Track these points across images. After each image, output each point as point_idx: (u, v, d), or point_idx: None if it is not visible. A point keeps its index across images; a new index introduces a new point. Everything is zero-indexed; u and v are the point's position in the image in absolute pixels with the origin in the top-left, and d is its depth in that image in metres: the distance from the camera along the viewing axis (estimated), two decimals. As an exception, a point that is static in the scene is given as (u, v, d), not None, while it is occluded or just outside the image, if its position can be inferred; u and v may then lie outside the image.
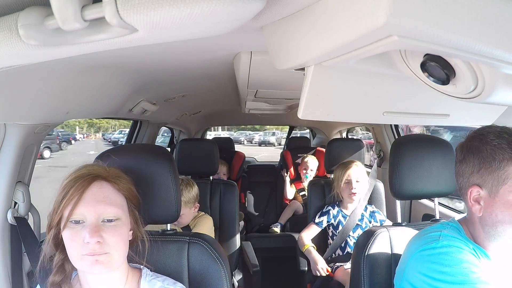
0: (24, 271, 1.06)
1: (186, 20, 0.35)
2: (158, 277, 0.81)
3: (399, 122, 0.78)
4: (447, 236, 0.78)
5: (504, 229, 0.72)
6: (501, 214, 0.72)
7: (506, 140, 0.71)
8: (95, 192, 0.69)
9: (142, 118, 1.83)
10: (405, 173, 1.05)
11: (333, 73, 0.53)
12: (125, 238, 0.73)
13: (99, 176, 0.71)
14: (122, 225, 0.72)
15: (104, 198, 0.70)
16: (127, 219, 0.74)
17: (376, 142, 2.43)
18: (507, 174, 0.70)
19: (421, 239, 0.82)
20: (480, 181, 0.74)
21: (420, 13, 0.28)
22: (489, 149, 0.72)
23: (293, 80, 1.07)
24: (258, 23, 0.50)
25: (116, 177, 0.74)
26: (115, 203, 0.71)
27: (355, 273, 1.04)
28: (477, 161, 0.74)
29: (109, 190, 0.72)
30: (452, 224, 0.84)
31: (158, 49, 0.79)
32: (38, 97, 0.86)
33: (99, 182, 0.71)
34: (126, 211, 0.75)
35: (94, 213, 0.68)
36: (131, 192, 0.77)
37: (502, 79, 0.40)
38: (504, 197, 0.71)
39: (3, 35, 0.38)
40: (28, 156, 1.06)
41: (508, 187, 0.70)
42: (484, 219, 0.75)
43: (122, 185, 0.74)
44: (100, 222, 0.68)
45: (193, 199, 1.56)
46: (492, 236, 0.75)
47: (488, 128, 0.76)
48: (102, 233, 0.67)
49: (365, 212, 1.79)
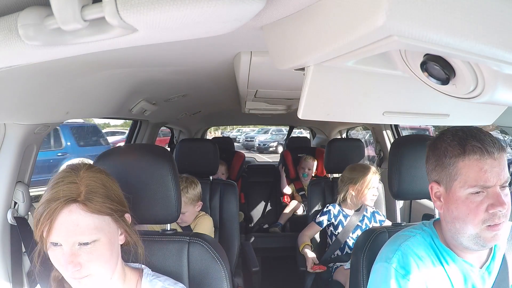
0: (24, 271, 1.06)
1: (186, 20, 0.35)
2: (159, 277, 0.81)
3: (399, 122, 0.77)
4: (403, 253, 0.80)
5: (461, 225, 0.73)
6: (456, 210, 0.74)
7: (459, 138, 0.74)
8: (65, 221, 0.64)
9: (142, 118, 1.83)
10: (404, 173, 1.05)
11: (333, 73, 0.53)
12: (108, 254, 0.69)
13: (68, 200, 0.65)
14: (101, 245, 0.68)
15: (75, 226, 0.65)
16: (109, 234, 0.70)
17: (376, 142, 2.43)
18: (457, 170, 0.73)
19: (385, 249, 0.86)
20: (437, 178, 0.78)
21: (420, 13, 0.28)
22: (443, 147, 0.75)
23: (293, 80, 1.07)
24: (258, 23, 0.50)
25: (89, 196, 0.67)
26: (88, 228, 0.66)
27: (355, 273, 1.04)
28: (434, 159, 0.78)
29: (80, 215, 0.66)
30: (426, 228, 0.86)
31: (158, 49, 0.79)
32: (38, 97, 0.86)
33: (68, 208, 0.65)
34: (107, 227, 0.70)
35: (66, 242, 0.65)
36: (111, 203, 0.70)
37: (502, 79, 0.40)
38: (456, 193, 0.73)
39: (3, 35, 0.38)
40: (28, 156, 1.06)
41: (459, 183, 0.72)
42: (445, 217, 0.78)
43: (97, 204, 0.67)
44: (76, 246, 0.66)
45: (197, 196, 1.58)
46: (455, 234, 0.76)
47: (451, 128, 0.78)
48: (79, 258, 0.65)
49: (366, 213, 1.79)
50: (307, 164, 2.85)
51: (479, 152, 0.71)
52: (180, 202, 0.92)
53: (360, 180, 1.74)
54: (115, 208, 0.71)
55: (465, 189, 0.72)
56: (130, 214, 0.78)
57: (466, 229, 0.73)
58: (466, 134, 0.73)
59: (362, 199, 1.74)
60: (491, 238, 0.71)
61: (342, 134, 3.38)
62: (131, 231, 0.77)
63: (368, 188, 1.72)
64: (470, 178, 0.71)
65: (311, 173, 2.86)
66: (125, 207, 0.76)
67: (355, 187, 1.74)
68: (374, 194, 1.74)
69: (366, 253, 1.01)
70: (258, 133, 14.36)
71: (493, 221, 0.70)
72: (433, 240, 0.82)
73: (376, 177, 1.75)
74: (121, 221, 0.74)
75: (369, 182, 1.72)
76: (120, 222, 0.73)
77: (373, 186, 1.73)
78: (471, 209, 0.71)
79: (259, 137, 13.29)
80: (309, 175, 2.84)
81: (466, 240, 0.74)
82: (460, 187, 0.72)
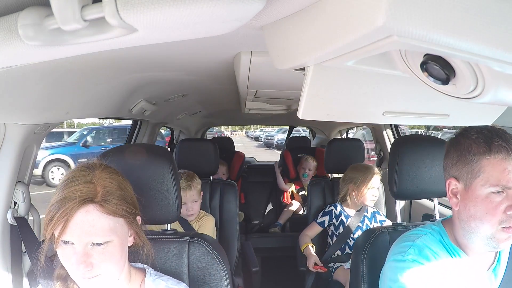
0: (24, 271, 1.06)
1: (186, 20, 0.35)
2: (162, 277, 0.82)
3: (399, 122, 0.77)
4: (417, 248, 0.80)
5: (477, 225, 0.73)
6: (473, 209, 0.73)
7: (484, 136, 0.73)
8: (81, 221, 0.64)
9: (142, 118, 1.83)
10: (405, 173, 1.05)
11: (333, 73, 0.53)
12: (118, 256, 0.70)
13: (85, 200, 0.65)
14: (113, 246, 0.68)
15: (90, 227, 0.65)
16: (121, 236, 0.70)
17: (376, 142, 2.43)
18: (480, 168, 0.72)
19: (396, 246, 0.85)
20: (457, 174, 0.76)
21: (420, 13, 0.28)
22: (467, 143, 0.75)
23: (293, 80, 1.07)
24: (258, 23, 0.50)
25: (106, 198, 0.67)
26: (103, 229, 0.66)
27: (355, 273, 1.04)
28: (455, 154, 0.77)
29: (96, 216, 0.65)
30: (435, 227, 0.85)
31: (158, 49, 0.79)
32: (38, 97, 0.85)
33: (85, 208, 0.64)
34: (120, 229, 0.70)
35: (80, 241, 0.65)
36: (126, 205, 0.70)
37: (502, 79, 0.40)
38: (476, 191, 0.72)
39: (3, 35, 0.38)
40: (28, 156, 1.06)
41: (480, 181, 0.71)
42: (460, 214, 0.77)
43: (113, 206, 0.67)
44: (89, 246, 0.66)
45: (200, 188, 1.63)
46: (468, 233, 0.75)
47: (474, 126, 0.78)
48: (91, 258, 0.65)
49: (367, 213, 1.79)
50: (308, 164, 2.85)
51: (505, 151, 0.70)
52: (180, 202, 0.92)
53: (360, 180, 1.74)
54: (130, 210, 0.71)
55: (487, 187, 0.71)
56: (140, 216, 0.78)
57: (481, 229, 0.72)
58: (492, 133, 0.73)
59: (361, 199, 1.73)
60: (505, 240, 0.71)
61: (342, 134, 3.38)
62: (141, 232, 0.77)
63: (368, 188, 1.72)
64: (493, 177, 0.70)
65: (311, 173, 2.86)
66: (137, 209, 0.75)
67: (355, 186, 1.74)
68: (374, 194, 1.73)
69: (367, 253, 1.01)
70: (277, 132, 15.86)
71: (510, 223, 0.69)
72: (443, 238, 0.82)
73: (377, 177, 1.75)
74: (133, 223, 0.74)
75: (369, 182, 1.72)
76: (132, 224, 0.73)
77: (373, 187, 1.73)
78: (490, 209, 0.70)
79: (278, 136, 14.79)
80: (309, 176, 2.84)
81: (479, 240, 0.73)
82: (482, 185, 0.71)
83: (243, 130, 15.47)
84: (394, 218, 1.27)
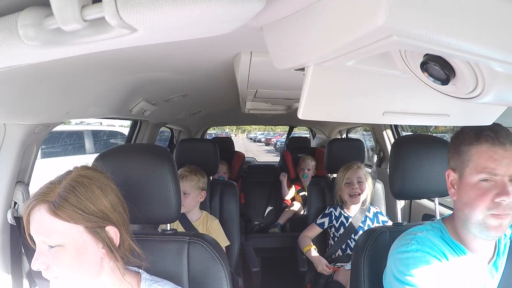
0: (24, 271, 1.06)
1: (186, 20, 0.35)
2: (158, 282, 0.79)
3: (399, 122, 0.77)
4: (420, 239, 0.82)
5: (469, 212, 0.76)
6: (466, 196, 0.77)
7: (476, 128, 0.78)
8: (34, 218, 0.66)
9: (142, 118, 1.83)
10: (405, 173, 1.05)
11: (333, 73, 0.53)
12: (74, 264, 0.67)
13: (41, 199, 0.66)
14: (65, 251, 0.66)
15: (39, 225, 0.66)
16: (78, 244, 0.67)
17: (376, 142, 2.43)
18: (469, 157, 0.76)
19: (399, 241, 0.88)
20: (453, 165, 0.82)
21: (419, 13, 0.28)
22: (462, 136, 0.80)
23: (293, 80, 1.07)
24: (258, 23, 0.50)
25: (59, 201, 0.66)
26: (51, 231, 0.65)
27: (355, 273, 1.04)
28: (453, 147, 0.82)
29: (46, 216, 0.65)
30: (435, 224, 0.88)
31: (158, 49, 0.79)
32: (38, 97, 0.86)
33: (39, 206, 0.66)
34: (77, 236, 0.67)
35: (36, 239, 0.67)
36: (85, 215, 0.67)
37: (502, 79, 0.40)
38: (467, 179, 0.77)
39: (3, 35, 0.38)
40: (28, 156, 1.06)
41: (470, 169, 0.76)
42: (457, 204, 0.81)
43: (65, 211, 0.65)
44: (44, 245, 0.66)
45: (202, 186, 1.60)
46: (464, 222, 0.78)
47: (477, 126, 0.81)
48: (47, 259, 0.66)
49: (369, 213, 1.78)
50: (306, 164, 2.84)
51: (491, 141, 0.74)
52: (180, 202, 0.92)
53: (339, 177, 1.78)
54: (91, 220, 0.68)
55: (475, 175, 0.75)
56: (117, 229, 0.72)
57: (473, 215, 0.75)
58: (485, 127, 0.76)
59: (342, 195, 1.76)
60: (495, 227, 0.73)
61: (342, 134, 3.38)
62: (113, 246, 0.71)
63: (344, 182, 1.74)
64: (479, 165, 0.74)
65: (310, 173, 2.85)
66: (107, 220, 0.70)
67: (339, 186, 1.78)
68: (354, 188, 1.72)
69: (367, 253, 1.01)
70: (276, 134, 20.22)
71: (498, 210, 0.72)
72: (443, 235, 0.84)
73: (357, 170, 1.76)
74: (97, 234, 0.69)
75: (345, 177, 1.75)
76: (99, 234, 0.69)
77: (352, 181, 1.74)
78: (478, 195, 0.74)
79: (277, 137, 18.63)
80: (309, 176, 2.83)
81: (473, 227, 0.76)
82: (470, 174, 0.76)
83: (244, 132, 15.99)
84: (395, 218, 1.27)
